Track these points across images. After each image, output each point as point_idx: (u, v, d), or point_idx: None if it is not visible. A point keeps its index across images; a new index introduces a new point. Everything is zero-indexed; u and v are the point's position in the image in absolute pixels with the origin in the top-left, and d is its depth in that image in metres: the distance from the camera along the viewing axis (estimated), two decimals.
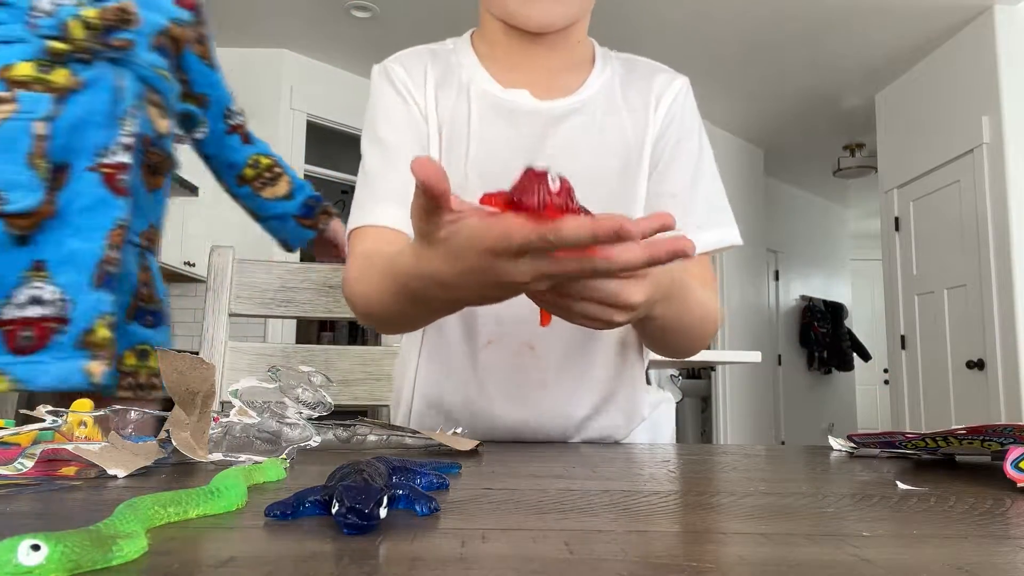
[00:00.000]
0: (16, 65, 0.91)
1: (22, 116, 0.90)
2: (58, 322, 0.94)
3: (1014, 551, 0.29)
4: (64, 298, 0.94)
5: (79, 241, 0.94)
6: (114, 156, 0.96)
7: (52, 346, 0.93)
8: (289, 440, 0.56)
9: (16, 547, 0.22)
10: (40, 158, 0.91)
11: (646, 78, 0.84)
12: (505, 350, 0.79)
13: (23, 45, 0.92)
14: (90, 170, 0.94)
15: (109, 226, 0.96)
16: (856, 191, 6.67)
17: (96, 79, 0.94)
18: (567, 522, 0.33)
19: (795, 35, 4.01)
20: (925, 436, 0.55)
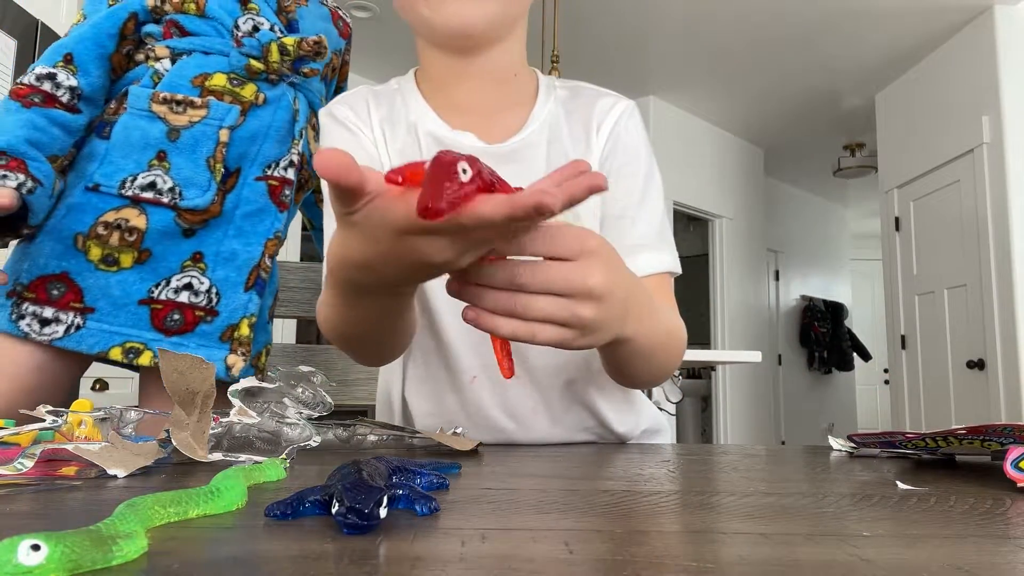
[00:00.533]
0: (213, 76, 1.01)
1: (211, 122, 1.00)
2: (207, 312, 1.01)
3: (1014, 551, 0.29)
4: (216, 292, 1.01)
5: (239, 243, 1.02)
6: (281, 171, 1.04)
7: (197, 333, 1.01)
8: (289, 440, 0.56)
9: (16, 547, 0.22)
10: (219, 162, 1.00)
11: (588, 105, 0.81)
12: (490, 382, 0.78)
13: (222, 58, 1.01)
14: (258, 180, 1.03)
15: (268, 235, 1.04)
16: (856, 191, 6.67)
17: (277, 99, 1.04)
18: (567, 522, 0.33)
19: (795, 35, 4.01)
20: (925, 436, 0.55)
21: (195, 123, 0.99)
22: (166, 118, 0.99)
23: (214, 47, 1.02)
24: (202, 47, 1.02)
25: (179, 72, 1.01)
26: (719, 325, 5.43)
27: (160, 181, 0.98)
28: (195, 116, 0.99)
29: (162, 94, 1.00)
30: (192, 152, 0.99)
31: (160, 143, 0.99)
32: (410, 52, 0.81)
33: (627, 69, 4.41)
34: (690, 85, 4.72)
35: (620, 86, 0.60)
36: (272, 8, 1.06)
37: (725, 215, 5.41)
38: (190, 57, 1.02)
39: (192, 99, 1.00)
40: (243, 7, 1.04)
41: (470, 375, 0.77)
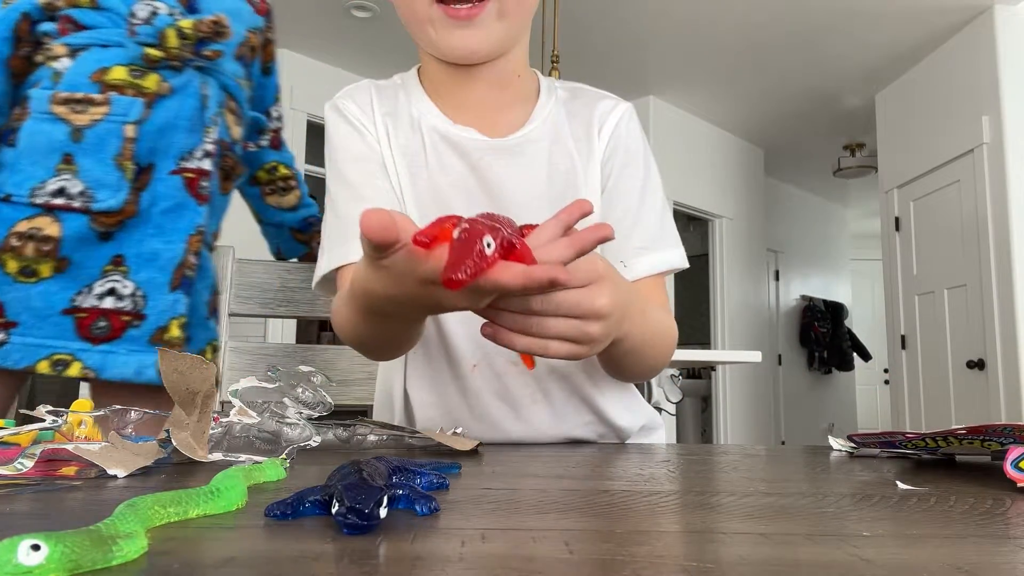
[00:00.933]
0: (112, 69, 0.96)
1: (114, 119, 0.95)
2: (133, 316, 0.98)
3: (1014, 551, 0.29)
4: (141, 294, 0.98)
5: (160, 242, 0.98)
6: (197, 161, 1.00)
7: (126, 338, 0.98)
8: (289, 440, 0.56)
9: (16, 547, 0.22)
10: (128, 160, 0.96)
11: (589, 106, 0.84)
12: (491, 371, 0.79)
13: (120, 50, 0.96)
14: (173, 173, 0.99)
15: (190, 231, 1.01)
16: (856, 191, 6.67)
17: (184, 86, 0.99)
18: (567, 522, 0.33)
19: (796, 35, 4.01)
20: (925, 436, 0.55)
21: (98, 121, 0.95)
22: (68, 119, 0.95)
23: (111, 39, 0.97)
24: (99, 40, 0.97)
25: (77, 70, 0.96)
26: (719, 325, 5.43)
27: (69, 185, 0.94)
28: (97, 114, 0.95)
29: (62, 94, 0.95)
30: (98, 152, 0.95)
31: (65, 145, 0.95)
32: (410, 52, 0.81)
33: (627, 69, 4.41)
34: (690, 85, 4.72)
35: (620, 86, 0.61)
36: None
37: (725, 215, 5.41)
38: (88, 52, 0.97)
39: (92, 96, 0.95)
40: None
41: (471, 364, 0.79)
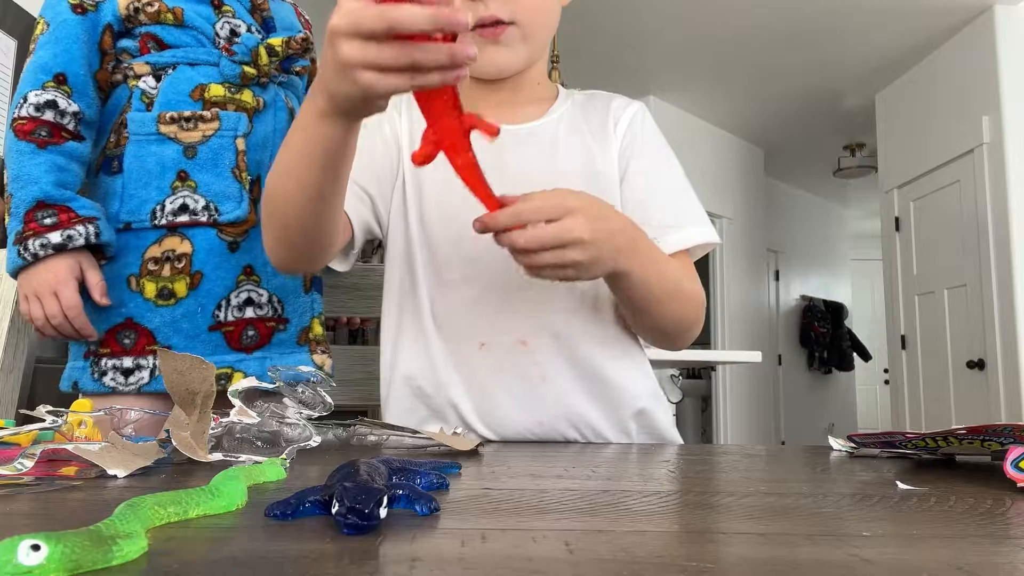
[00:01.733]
0: (211, 86, 0.98)
1: (225, 133, 0.97)
2: (277, 321, 1.01)
3: (1014, 551, 0.29)
4: (277, 300, 1.01)
5: None
6: None
7: (275, 343, 1.01)
8: (289, 440, 0.56)
9: (16, 547, 0.22)
10: (243, 171, 0.98)
11: (604, 104, 0.91)
12: (499, 349, 0.81)
13: (211, 68, 0.98)
14: None
15: None
16: (856, 191, 6.67)
17: (272, 100, 1.02)
18: (567, 522, 0.33)
19: (795, 35, 4.01)
20: (925, 436, 0.55)
21: (209, 137, 0.97)
22: (177, 137, 0.96)
23: (199, 58, 0.99)
24: (186, 59, 0.98)
25: (173, 88, 0.97)
26: (719, 325, 5.42)
27: (191, 202, 0.96)
28: (208, 130, 0.97)
29: (168, 114, 0.96)
30: (215, 166, 0.97)
31: (178, 163, 0.96)
32: None
33: (627, 69, 4.41)
34: (690, 85, 4.71)
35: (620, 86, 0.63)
36: (246, 7, 1.03)
37: (725, 215, 5.41)
38: (176, 71, 0.98)
39: (201, 113, 0.97)
40: (217, 11, 1.00)
41: (479, 342, 0.82)
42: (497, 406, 0.81)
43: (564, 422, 0.81)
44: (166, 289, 0.96)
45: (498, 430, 0.81)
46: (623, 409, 0.84)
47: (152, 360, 0.95)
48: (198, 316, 0.97)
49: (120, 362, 0.95)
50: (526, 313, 0.81)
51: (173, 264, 0.96)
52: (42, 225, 0.89)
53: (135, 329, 0.96)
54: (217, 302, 0.97)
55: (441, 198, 0.84)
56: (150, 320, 0.95)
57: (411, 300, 0.85)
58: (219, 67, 0.98)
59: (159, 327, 0.96)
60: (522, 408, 0.80)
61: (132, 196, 0.96)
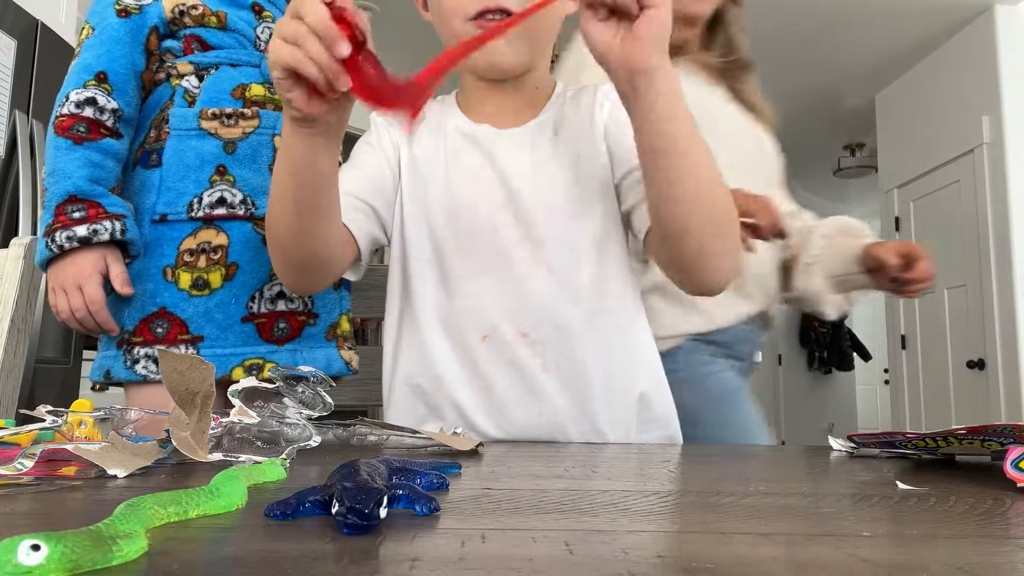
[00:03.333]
0: (251, 86, 1.02)
1: (264, 131, 1.01)
2: (307, 315, 1.03)
3: (1014, 551, 0.29)
4: (308, 296, 1.03)
5: None
6: None
7: (305, 336, 1.03)
8: (289, 440, 0.56)
9: (16, 547, 0.22)
10: None
11: (590, 93, 0.90)
12: (501, 341, 0.82)
13: (253, 70, 1.02)
14: None
15: None
16: (856, 191, 6.66)
17: None
18: (567, 522, 0.33)
19: (795, 35, 4.01)
20: (925, 436, 0.55)
21: (249, 134, 1.00)
22: (218, 133, 1.00)
23: (241, 59, 1.03)
24: (228, 60, 1.02)
25: (215, 87, 1.01)
26: None
27: (229, 195, 0.99)
28: (248, 127, 1.00)
29: (210, 110, 1.00)
30: (253, 162, 1.00)
31: (217, 158, 0.99)
32: (409, 51, 0.83)
33: None
34: None
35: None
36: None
37: None
38: (219, 71, 1.02)
39: (242, 111, 1.00)
40: (258, 16, 1.05)
41: (480, 335, 0.82)
42: (498, 398, 0.81)
43: (564, 413, 0.81)
44: (201, 279, 0.98)
45: (499, 422, 0.81)
46: (624, 396, 0.84)
47: (185, 349, 0.97)
48: (232, 306, 0.98)
49: (152, 351, 0.97)
50: (527, 305, 0.82)
51: (209, 256, 0.98)
52: (71, 219, 0.92)
53: (168, 319, 0.97)
54: (251, 294, 0.99)
55: (442, 195, 0.86)
56: (183, 310, 0.97)
57: (412, 298, 0.86)
58: (260, 68, 1.02)
59: (192, 317, 0.97)
60: (522, 399, 0.81)
61: (170, 189, 0.98)
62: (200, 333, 0.97)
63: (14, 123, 2.06)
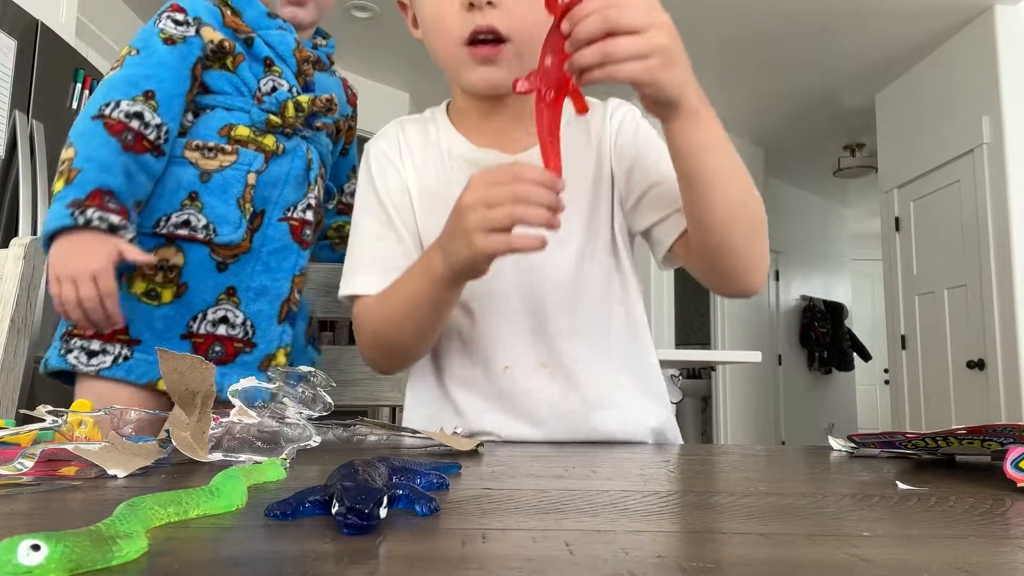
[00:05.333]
0: (238, 127, 1.08)
1: (239, 167, 1.07)
2: (244, 344, 1.07)
3: (1014, 551, 0.29)
4: (251, 324, 1.07)
5: (269, 279, 1.08)
6: (300, 213, 1.12)
7: (238, 363, 1.06)
8: (289, 440, 0.56)
9: (16, 547, 0.22)
10: (247, 203, 1.07)
11: (600, 106, 0.90)
12: (521, 372, 0.82)
13: (244, 114, 1.09)
14: (280, 220, 1.10)
15: (294, 271, 1.11)
16: (856, 191, 6.66)
17: (294, 149, 1.12)
18: (567, 522, 0.33)
19: (795, 35, 4.01)
20: (925, 436, 0.55)
21: (225, 167, 1.06)
22: (197, 163, 1.06)
23: (235, 105, 1.09)
24: (224, 104, 1.09)
25: (205, 124, 1.08)
26: (719, 325, 5.42)
27: (194, 219, 1.04)
28: (225, 161, 1.06)
29: (195, 142, 1.06)
30: (223, 193, 1.06)
31: (192, 185, 1.05)
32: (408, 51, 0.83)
33: None
34: None
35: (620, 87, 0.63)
36: (292, 71, 1.13)
37: None
38: (213, 112, 1.09)
39: (222, 146, 1.07)
40: (267, 69, 1.11)
41: (503, 365, 0.82)
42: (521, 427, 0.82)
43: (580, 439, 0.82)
44: (154, 291, 1.03)
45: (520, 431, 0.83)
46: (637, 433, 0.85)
47: (119, 348, 1.01)
48: (174, 320, 1.03)
49: (88, 344, 1.01)
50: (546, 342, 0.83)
51: (165, 273, 1.03)
52: (106, 206, 0.94)
53: None
54: (195, 314, 1.04)
55: None
56: (129, 311, 1.00)
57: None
58: (250, 113, 1.09)
59: (134, 320, 1.01)
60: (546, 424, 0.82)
61: (149, 207, 1.04)
62: (139, 337, 1.02)
63: (14, 123, 2.06)
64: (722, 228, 0.71)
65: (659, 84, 0.61)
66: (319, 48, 1.20)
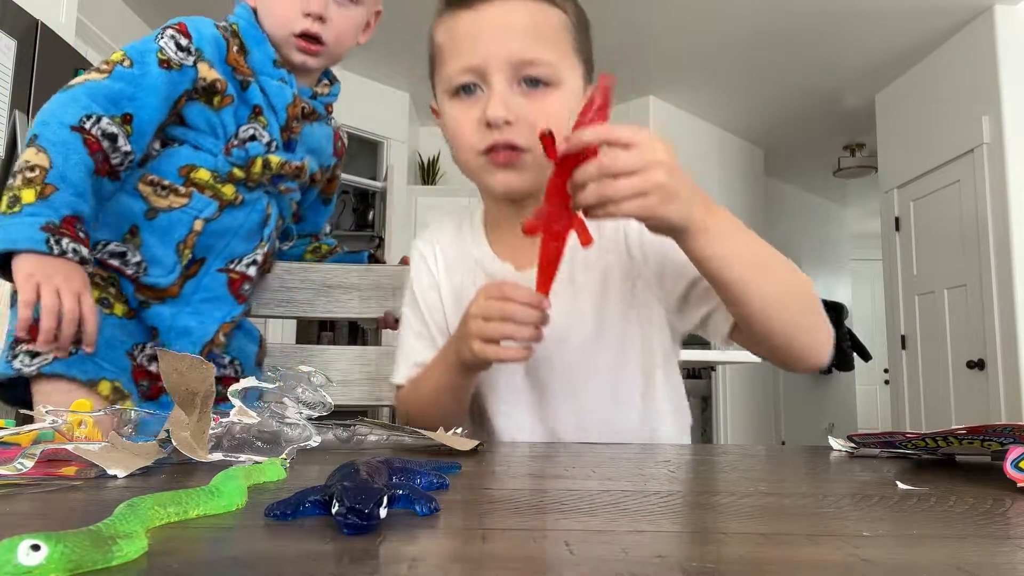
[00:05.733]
0: (199, 170, 1.03)
1: (189, 211, 1.02)
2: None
3: (1014, 551, 0.29)
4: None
5: (195, 321, 1.04)
6: (243, 267, 1.08)
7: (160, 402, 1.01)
8: (289, 440, 0.56)
9: (16, 547, 0.22)
10: (188, 248, 1.02)
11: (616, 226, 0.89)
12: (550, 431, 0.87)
13: (212, 158, 1.03)
14: (219, 271, 1.06)
15: (224, 319, 1.07)
16: (856, 191, 6.66)
17: (253, 202, 1.07)
18: (567, 522, 0.33)
19: (795, 35, 4.01)
20: (925, 436, 0.55)
21: (174, 208, 1.01)
22: (148, 198, 1.01)
23: (204, 145, 1.03)
24: (193, 141, 1.03)
25: (168, 160, 1.02)
26: None
27: (130, 254, 1.00)
28: (176, 202, 1.01)
29: (150, 176, 1.01)
30: (165, 234, 1.01)
31: (136, 219, 1.01)
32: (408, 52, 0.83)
33: (627, 69, 4.41)
34: (690, 85, 4.71)
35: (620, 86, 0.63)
36: (280, 124, 1.07)
37: None
38: (181, 147, 1.03)
39: (177, 187, 1.02)
40: (253, 117, 1.05)
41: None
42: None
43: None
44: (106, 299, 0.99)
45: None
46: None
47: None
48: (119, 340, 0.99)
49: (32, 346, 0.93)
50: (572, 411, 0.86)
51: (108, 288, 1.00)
52: (78, 237, 0.89)
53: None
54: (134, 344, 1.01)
55: None
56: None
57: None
58: (216, 157, 1.03)
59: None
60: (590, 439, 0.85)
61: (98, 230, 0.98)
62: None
63: (14, 123, 2.06)
64: (766, 320, 0.72)
65: (660, 218, 0.64)
66: (318, 98, 1.14)
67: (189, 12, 1.07)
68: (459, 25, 0.81)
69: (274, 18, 1.05)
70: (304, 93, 1.10)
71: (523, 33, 0.78)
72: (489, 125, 0.78)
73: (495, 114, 0.77)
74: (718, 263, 0.69)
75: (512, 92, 0.78)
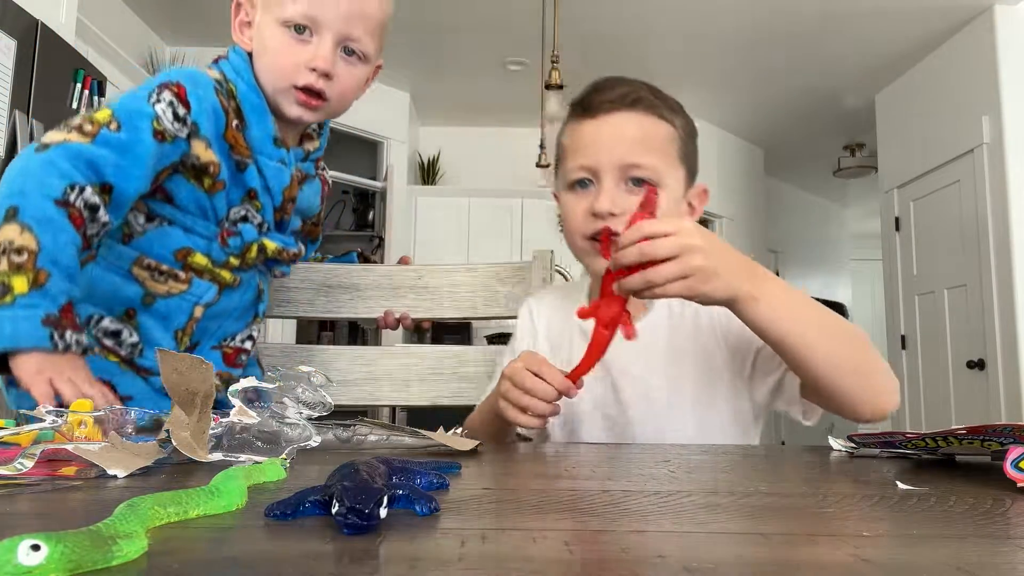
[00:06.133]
0: (196, 254, 0.99)
1: (189, 297, 0.99)
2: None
3: (1014, 551, 0.29)
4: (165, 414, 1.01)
5: None
6: (237, 343, 1.06)
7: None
8: (289, 440, 0.56)
9: (16, 547, 0.22)
10: (186, 335, 1.00)
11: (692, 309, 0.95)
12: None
13: (205, 242, 0.99)
14: (214, 349, 1.04)
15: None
16: (856, 191, 6.67)
17: (248, 280, 1.05)
18: (567, 522, 0.33)
19: (795, 35, 4.01)
20: (925, 436, 0.55)
21: (173, 295, 0.97)
22: (144, 283, 0.96)
23: (195, 228, 0.98)
24: (184, 223, 0.98)
25: (161, 242, 0.97)
26: None
27: (125, 333, 0.96)
28: (175, 289, 0.97)
29: (147, 260, 0.96)
30: (164, 321, 0.97)
31: (132, 303, 0.96)
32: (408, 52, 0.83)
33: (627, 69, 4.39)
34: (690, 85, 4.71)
35: None
36: (274, 206, 1.03)
37: (725, 215, 5.41)
38: (171, 227, 0.97)
39: (176, 272, 0.97)
40: (248, 200, 1.00)
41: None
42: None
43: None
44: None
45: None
46: None
47: None
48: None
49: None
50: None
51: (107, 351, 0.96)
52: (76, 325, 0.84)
53: None
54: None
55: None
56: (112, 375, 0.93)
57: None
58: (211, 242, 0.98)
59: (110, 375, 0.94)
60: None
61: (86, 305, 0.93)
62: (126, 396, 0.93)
63: (14, 123, 2.06)
64: (828, 378, 0.77)
65: (704, 296, 0.71)
66: (309, 156, 1.08)
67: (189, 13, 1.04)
68: (582, 130, 0.93)
69: (276, 70, 0.98)
70: (297, 156, 1.05)
71: (633, 142, 0.89)
72: (596, 215, 0.88)
73: (601, 207, 0.87)
74: (775, 326, 0.75)
75: (619, 189, 0.88)
